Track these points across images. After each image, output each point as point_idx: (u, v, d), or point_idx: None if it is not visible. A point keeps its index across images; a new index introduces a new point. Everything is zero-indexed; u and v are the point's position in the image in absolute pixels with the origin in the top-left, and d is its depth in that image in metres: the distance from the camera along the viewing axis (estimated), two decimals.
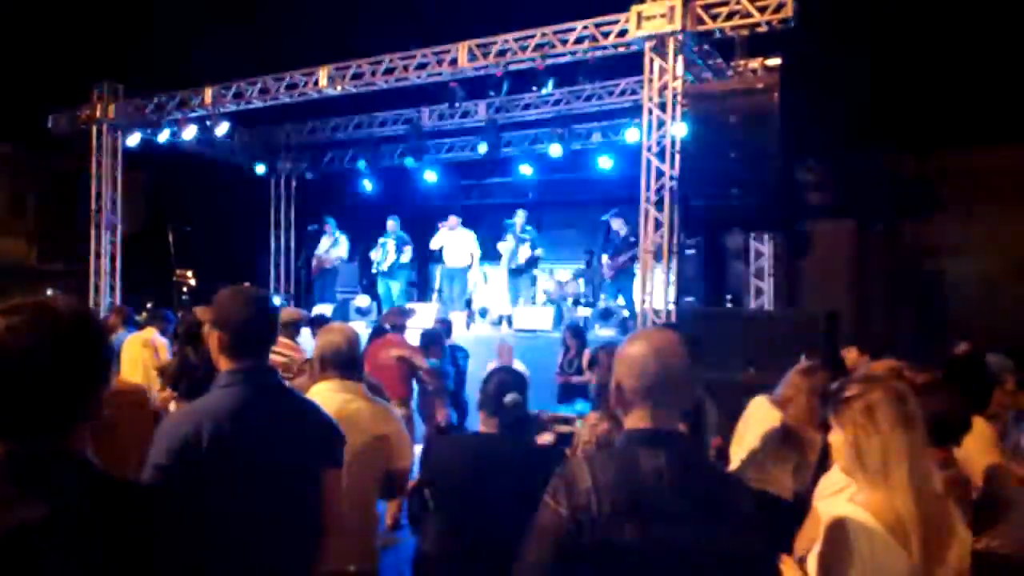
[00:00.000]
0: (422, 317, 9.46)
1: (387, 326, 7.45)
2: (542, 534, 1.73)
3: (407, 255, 11.93)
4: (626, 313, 9.80)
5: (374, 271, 12.07)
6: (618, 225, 10.39)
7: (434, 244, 11.71)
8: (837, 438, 2.03)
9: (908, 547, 1.83)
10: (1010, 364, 3.74)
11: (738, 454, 3.54)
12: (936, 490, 1.93)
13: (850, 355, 5.83)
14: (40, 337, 1.20)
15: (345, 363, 3.19)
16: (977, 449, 2.89)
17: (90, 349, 1.26)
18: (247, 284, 2.62)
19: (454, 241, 11.54)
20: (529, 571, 1.75)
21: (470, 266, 11.69)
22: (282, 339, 5.79)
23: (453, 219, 11.60)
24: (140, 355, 7.00)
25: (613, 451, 1.90)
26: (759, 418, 3.61)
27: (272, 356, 2.69)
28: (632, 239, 9.76)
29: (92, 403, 1.26)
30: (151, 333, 7.21)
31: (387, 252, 11.84)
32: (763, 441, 3.49)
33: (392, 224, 12.06)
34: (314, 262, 12.81)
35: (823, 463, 2.92)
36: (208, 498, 2.05)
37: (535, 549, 1.74)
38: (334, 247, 12.71)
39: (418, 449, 3.50)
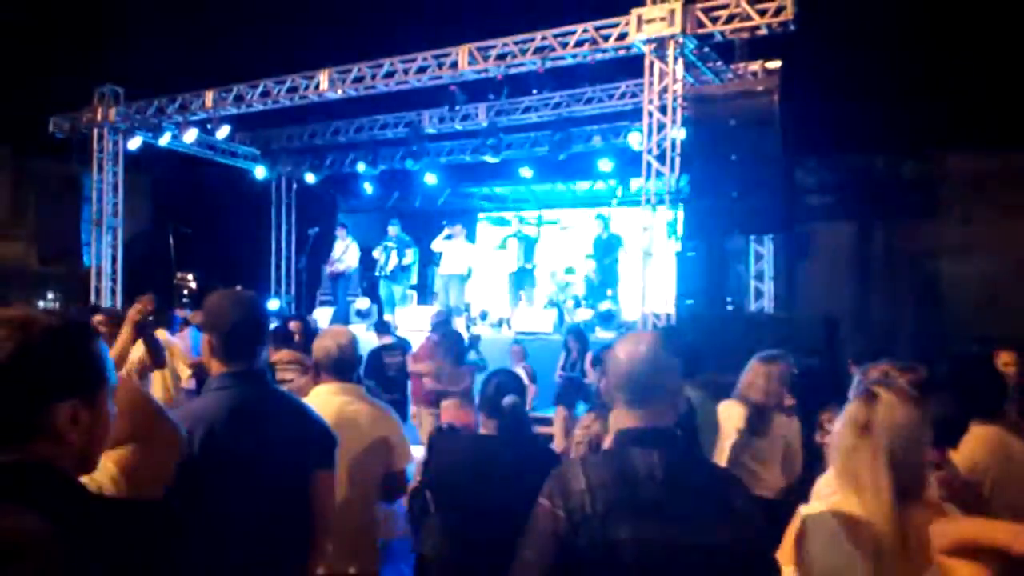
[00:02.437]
0: (422, 320, 9.51)
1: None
2: (538, 535, 1.74)
3: (409, 258, 11.94)
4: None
5: (377, 274, 12.09)
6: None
7: (435, 247, 11.76)
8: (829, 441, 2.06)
9: (867, 549, 1.82)
10: None
11: (720, 461, 3.59)
12: (922, 496, 1.91)
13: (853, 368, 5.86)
14: (9, 345, 1.16)
15: (340, 366, 3.19)
16: (975, 451, 2.88)
17: (60, 361, 1.21)
18: (238, 287, 2.62)
19: (453, 249, 11.58)
20: (525, 571, 1.76)
21: (466, 276, 11.71)
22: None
23: (459, 228, 11.65)
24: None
25: (607, 451, 1.90)
26: (729, 419, 3.72)
27: None
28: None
29: (59, 416, 1.19)
30: (162, 335, 7.43)
31: (390, 255, 11.86)
32: (736, 439, 3.61)
33: (394, 229, 12.07)
34: (329, 267, 12.74)
35: (814, 461, 2.95)
36: (201, 501, 2.05)
37: (531, 550, 1.75)
38: (344, 253, 12.63)
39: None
